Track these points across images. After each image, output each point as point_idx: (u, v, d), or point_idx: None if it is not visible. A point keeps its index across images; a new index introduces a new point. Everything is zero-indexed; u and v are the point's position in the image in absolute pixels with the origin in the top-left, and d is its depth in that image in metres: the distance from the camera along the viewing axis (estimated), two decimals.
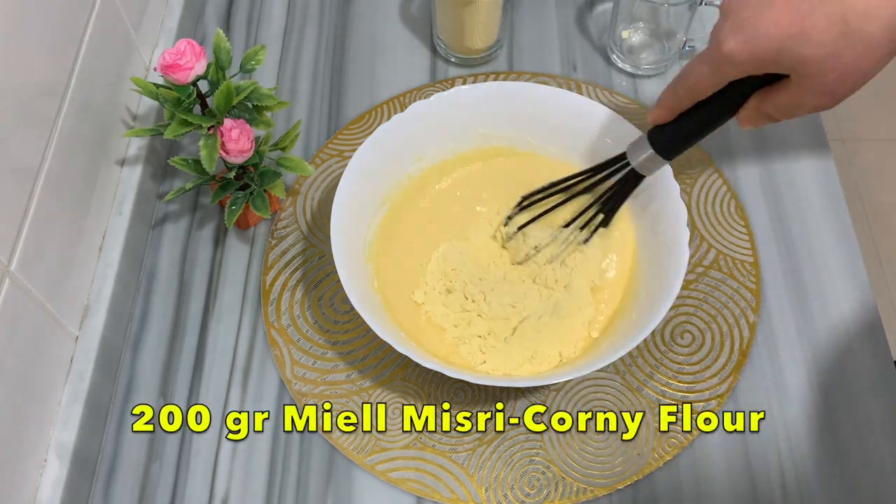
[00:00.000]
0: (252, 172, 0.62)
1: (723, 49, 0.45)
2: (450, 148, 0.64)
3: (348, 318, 0.63)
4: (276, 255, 0.66)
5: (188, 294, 0.65)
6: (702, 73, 0.48)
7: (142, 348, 0.63)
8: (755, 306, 0.63)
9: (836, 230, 0.66)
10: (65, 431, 0.55)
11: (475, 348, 0.59)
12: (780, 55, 0.43)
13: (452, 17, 0.71)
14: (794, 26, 0.42)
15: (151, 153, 0.69)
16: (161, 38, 0.74)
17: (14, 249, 0.50)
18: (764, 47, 0.43)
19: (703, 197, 0.68)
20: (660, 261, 0.57)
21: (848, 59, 0.43)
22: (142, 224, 0.67)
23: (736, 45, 0.44)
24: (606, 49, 0.76)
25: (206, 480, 0.58)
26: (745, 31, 0.44)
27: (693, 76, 0.48)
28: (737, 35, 0.44)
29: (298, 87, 0.75)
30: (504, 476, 0.57)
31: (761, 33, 0.43)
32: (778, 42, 0.43)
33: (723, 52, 0.45)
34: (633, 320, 0.56)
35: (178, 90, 0.58)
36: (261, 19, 0.79)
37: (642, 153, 0.55)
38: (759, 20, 0.43)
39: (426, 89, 0.74)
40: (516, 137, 0.64)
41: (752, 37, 0.43)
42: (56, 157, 0.55)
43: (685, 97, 0.50)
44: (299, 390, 0.60)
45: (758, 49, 0.44)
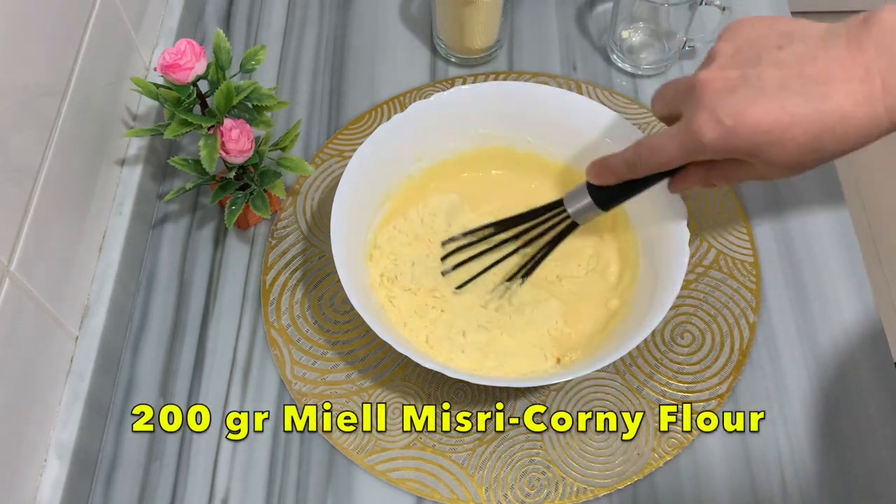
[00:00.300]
0: (252, 172, 0.62)
1: (701, 139, 0.45)
2: (450, 148, 0.64)
3: (348, 318, 0.63)
4: (276, 255, 0.66)
5: (188, 294, 0.65)
6: (671, 155, 0.48)
7: (142, 348, 0.63)
8: (755, 306, 0.63)
9: (836, 230, 0.66)
10: (65, 431, 0.55)
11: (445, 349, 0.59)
12: (754, 153, 0.44)
13: (452, 17, 0.71)
14: (773, 134, 0.43)
15: (151, 153, 0.69)
16: (161, 38, 0.74)
17: (14, 249, 0.50)
18: (740, 145, 0.44)
19: (703, 197, 0.68)
20: (660, 261, 0.57)
21: (808, 164, 0.45)
22: (142, 224, 0.67)
23: (714, 138, 0.44)
24: (606, 49, 0.76)
25: (206, 480, 0.58)
26: (725, 127, 0.44)
27: (662, 156, 0.48)
28: (716, 127, 0.44)
29: (298, 87, 0.75)
30: (504, 476, 0.57)
31: (741, 132, 0.44)
32: (756, 144, 0.44)
33: (700, 141, 0.45)
34: (633, 320, 0.56)
35: (178, 90, 0.58)
36: (261, 19, 0.79)
37: (580, 202, 0.55)
38: (740, 119, 0.43)
39: (426, 89, 0.74)
40: (516, 137, 0.64)
41: (732, 133, 0.44)
42: (56, 157, 0.55)
43: (644, 172, 0.51)
44: (299, 390, 0.60)
45: (735, 145, 0.44)
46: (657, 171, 0.50)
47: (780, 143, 0.43)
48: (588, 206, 0.55)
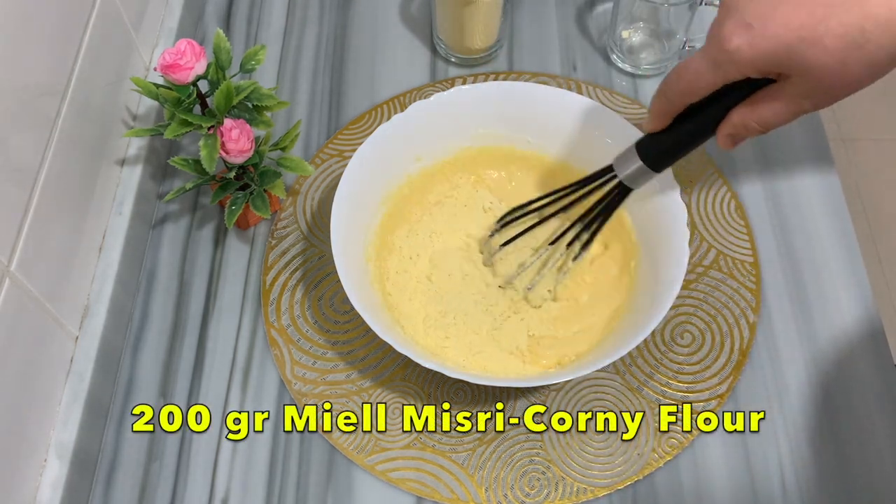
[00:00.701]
0: (252, 172, 0.62)
1: (727, 46, 0.42)
2: (450, 148, 0.64)
3: (348, 318, 0.63)
4: (276, 255, 0.66)
5: (188, 294, 0.65)
6: (700, 72, 0.44)
7: (142, 348, 0.63)
8: (755, 306, 0.63)
9: (836, 230, 0.66)
10: (65, 431, 0.55)
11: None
12: (789, 57, 0.41)
13: (452, 17, 0.71)
14: (805, 29, 0.39)
15: (151, 153, 0.69)
16: (161, 38, 0.74)
17: (14, 249, 0.50)
18: (772, 48, 0.41)
19: (703, 197, 0.68)
20: (660, 261, 0.57)
21: (855, 68, 0.40)
22: (142, 224, 0.67)
23: (741, 43, 0.41)
24: (606, 49, 0.76)
25: (206, 480, 0.58)
26: (753, 30, 0.41)
27: (689, 75, 0.45)
28: (743, 33, 0.41)
29: (298, 87, 0.75)
30: (504, 476, 0.57)
31: (770, 33, 0.40)
32: (787, 44, 0.40)
33: (727, 49, 0.42)
34: (633, 320, 0.56)
35: (178, 90, 0.58)
36: (261, 19, 0.79)
37: (631, 165, 0.53)
38: (768, 18, 0.40)
39: (426, 89, 0.74)
40: (516, 137, 0.64)
41: (760, 35, 0.41)
42: (56, 157, 0.55)
43: (678, 99, 0.47)
44: (299, 390, 0.60)
45: (765, 49, 0.41)
46: (692, 94, 0.46)
47: (816, 38, 0.39)
48: (639, 168, 0.52)
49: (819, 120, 0.72)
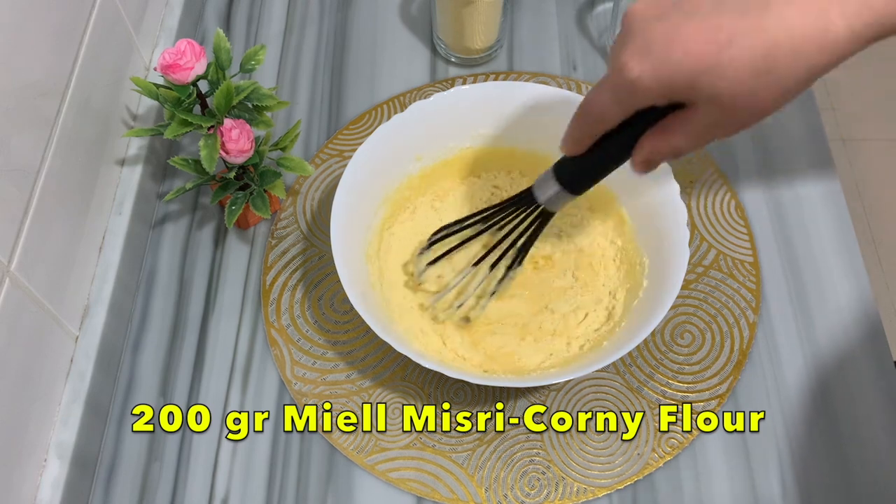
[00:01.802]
0: (252, 172, 0.62)
1: (628, 75, 0.39)
2: (450, 148, 0.64)
3: (348, 318, 0.63)
4: (276, 255, 0.66)
5: (188, 294, 0.65)
6: (605, 102, 0.42)
7: (142, 348, 0.63)
8: (755, 306, 0.63)
9: (835, 230, 0.66)
10: (65, 431, 0.55)
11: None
12: (692, 87, 0.38)
13: (452, 17, 0.71)
14: (710, 57, 0.37)
15: (151, 153, 0.69)
16: (161, 38, 0.74)
17: (14, 249, 0.50)
18: (674, 76, 0.38)
19: (704, 197, 0.68)
20: (660, 260, 0.57)
21: (764, 95, 0.38)
22: (142, 224, 0.67)
23: (642, 72, 0.39)
24: (606, 49, 0.76)
25: (206, 480, 0.58)
26: (653, 57, 0.38)
27: (597, 105, 0.43)
28: (643, 60, 0.39)
29: (298, 87, 0.75)
30: (504, 476, 0.57)
31: (672, 60, 0.38)
32: (690, 73, 0.38)
33: (628, 78, 0.39)
34: (633, 320, 0.56)
35: (178, 90, 0.58)
36: (261, 19, 0.79)
37: (549, 189, 0.52)
38: (668, 45, 0.38)
39: (426, 89, 0.74)
40: (516, 137, 0.64)
41: (661, 64, 0.38)
42: (56, 157, 0.55)
43: (590, 129, 0.45)
44: (299, 390, 0.60)
45: (667, 77, 0.38)
46: (601, 124, 0.44)
47: (721, 67, 0.37)
48: (557, 192, 0.51)
49: (819, 120, 0.72)
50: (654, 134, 0.43)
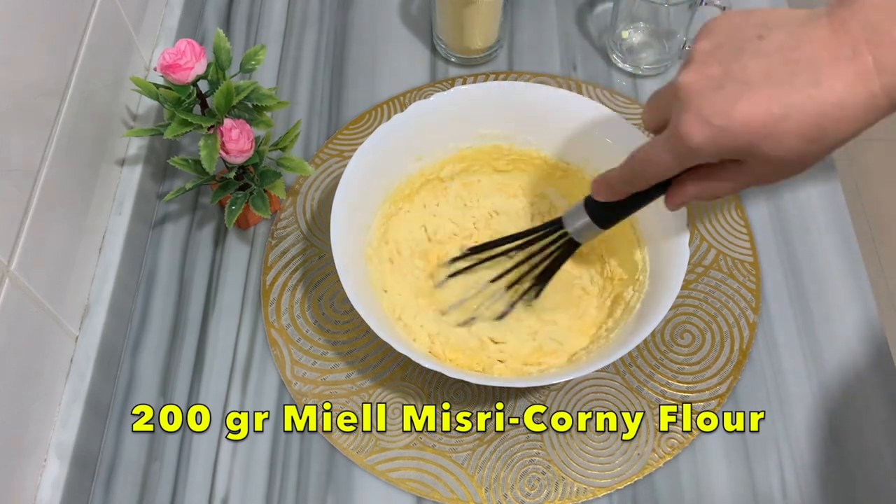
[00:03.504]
0: (252, 172, 0.62)
1: (689, 143, 0.42)
2: (450, 148, 0.64)
3: (348, 318, 0.63)
4: (276, 255, 0.66)
5: (188, 294, 0.65)
6: (665, 163, 0.45)
7: (142, 348, 0.63)
8: (755, 306, 0.63)
9: (836, 230, 0.66)
10: (65, 431, 0.55)
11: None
12: (749, 152, 0.42)
13: (452, 17, 0.71)
14: (766, 128, 0.40)
15: (151, 153, 0.69)
16: (161, 38, 0.74)
17: (14, 249, 0.50)
18: (733, 144, 0.41)
19: None
20: (660, 261, 0.57)
21: (811, 159, 0.42)
22: (142, 224, 0.67)
23: (703, 141, 0.42)
24: (606, 49, 0.76)
25: (206, 480, 0.58)
26: (714, 128, 0.41)
27: (657, 166, 0.46)
28: (704, 130, 0.41)
29: (298, 87, 0.75)
30: (504, 476, 0.57)
31: (732, 130, 0.41)
32: (748, 141, 0.41)
33: (689, 146, 0.42)
34: (633, 320, 0.56)
35: (178, 90, 0.58)
36: (261, 19, 0.79)
37: (579, 221, 0.54)
38: (728, 117, 0.41)
39: (426, 89, 0.74)
40: (516, 137, 0.64)
41: (721, 134, 0.41)
42: (56, 157, 0.55)
43: (642, 184, 0.48)
44: (299, 390, 0.60)
45: (727, 146, 0.42)
46: (653, 182, 0.48)
47: (777, 137, 0.40)
48: (587, 224, 0.54)
49: None
50: (698, 179, 0.47)
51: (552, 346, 0.59)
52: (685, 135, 0.42)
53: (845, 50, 0.39)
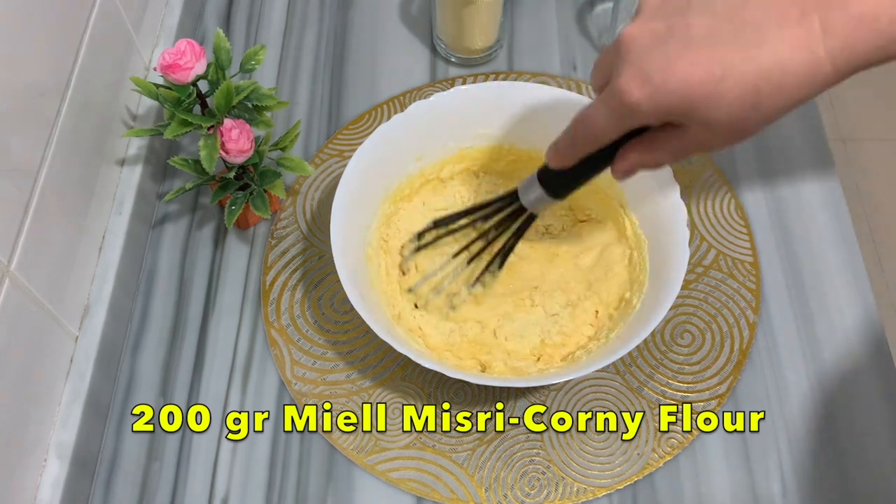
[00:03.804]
0: (252, 172, 0.62)
1: (627, 99, 0.41)
2: (450, 148, 0.64)
3: (348, 318, 0.63)
4: (276, 255, 0.66)
5: (188, 294, 0.65)
6: (602, 124, 0.44)
7: (142, 348, 0.63)
8: (755, 306, 0.63)
9: (835, 230, 0.66)
10: (65, 431, 0.55)
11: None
12: (688, 113, 0.40)
13: (452, 17, 0.71)
14: (706, 88, 0.39)
15: (151, 153, 0.69)
16: (161, 38, 0.74)
17: (14, 249, 0.50)
18: (672, 103, 0.40)
19: (703, 197, 0.68)
20: (660, 261, 0.57)
21: (751, 123, 0.41)
22: (142, 224, 0.67)
23: (641, 97, 0.40)
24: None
25: (206, 480, 0.58)
26: (652, 83, 0.40)
27: (593, 126, 0.45)
28: (643, 86, 0.40)
29: (298, 87, 0.75)
30: (504, 476, 0.57)
31: (670, 88, 0.40)
32: (687, 101, 0.40)
33: (627, 102, 0.41)
34: (633, 320, 0.56)
35: (178, 90, 0.58)
36: (261, 19, 0.79)
37: (533, 193, 0.54)
38: (667, 73, 0.40)
39: (426, 89, 0.74)
40: (516, 137, 0.64)
41: (660, 91, 0.40)
42: (56, 157, 0.55)
43: (584, 147, 0.47)
44: (299, 390, 0.60)
45: (665, 104, 0.40)
46: (597, 145, 0.46)
47: (715, 98, 0.39)
48: (540, 196, 0.53)
49: (819, 120, 0.72)
50: (640, 146, 0.45)
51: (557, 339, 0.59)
52: (623, 90, 0.41)
53: (793, 11, 0.38)
